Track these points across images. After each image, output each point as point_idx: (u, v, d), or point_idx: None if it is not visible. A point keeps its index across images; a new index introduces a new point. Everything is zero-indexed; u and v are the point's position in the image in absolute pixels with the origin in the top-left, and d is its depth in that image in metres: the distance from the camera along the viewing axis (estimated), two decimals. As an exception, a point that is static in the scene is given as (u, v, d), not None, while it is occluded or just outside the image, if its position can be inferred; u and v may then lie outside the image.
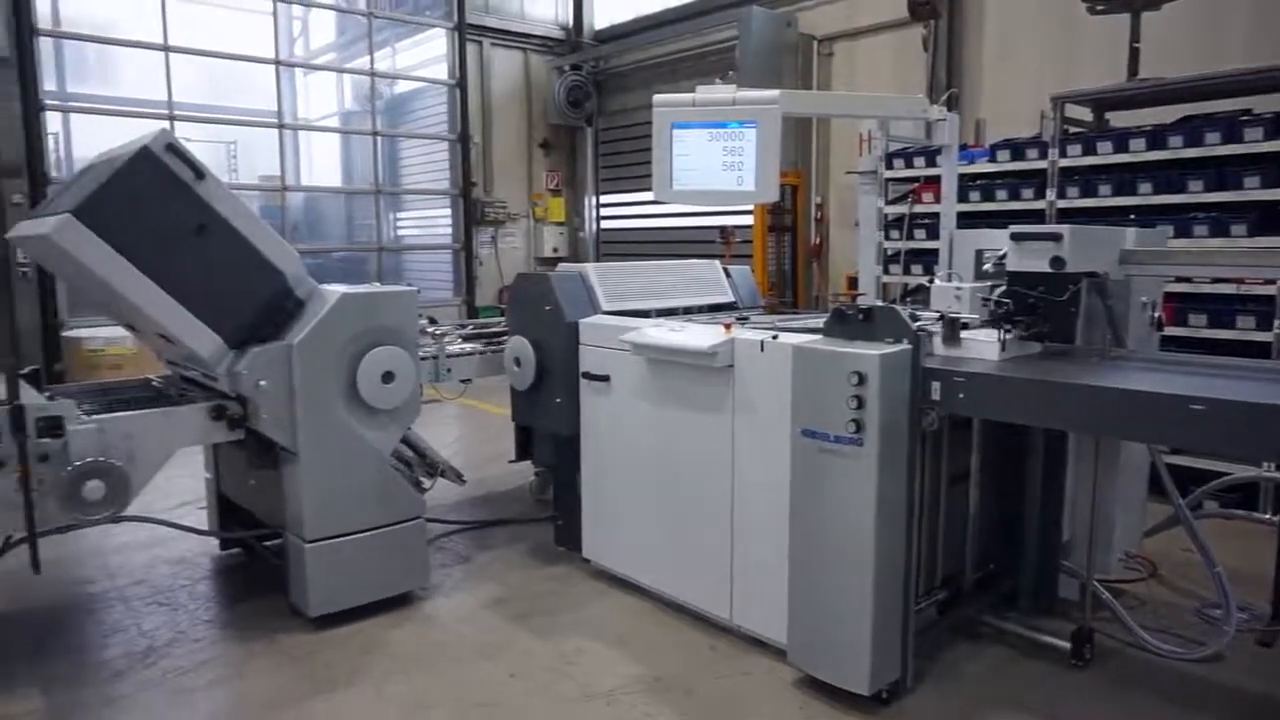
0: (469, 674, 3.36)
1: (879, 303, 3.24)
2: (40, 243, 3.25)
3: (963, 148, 6.14)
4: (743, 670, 3.36)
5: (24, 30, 8.45)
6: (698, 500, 3.63)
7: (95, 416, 3.27)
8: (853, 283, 8.53)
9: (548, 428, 4.42)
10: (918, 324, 3.03)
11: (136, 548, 4.64)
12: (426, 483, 4.10)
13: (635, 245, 12.32)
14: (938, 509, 3.41)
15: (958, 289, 3.16)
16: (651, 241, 12.00)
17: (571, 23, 12.96)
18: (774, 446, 3.22)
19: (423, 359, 4.18)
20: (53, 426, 3.10)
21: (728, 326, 3.56)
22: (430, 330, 4.49)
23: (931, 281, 3.30)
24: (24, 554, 3.18)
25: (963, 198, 6.27)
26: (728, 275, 4.92)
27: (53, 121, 8.86)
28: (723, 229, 10.10)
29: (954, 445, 3.43)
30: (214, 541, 4.55)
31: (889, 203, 7.27)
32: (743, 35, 9.77)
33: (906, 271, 7.15)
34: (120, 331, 6.76)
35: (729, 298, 4.80)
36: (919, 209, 7.08)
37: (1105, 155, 5.81)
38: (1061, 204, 6.01)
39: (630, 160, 12.21)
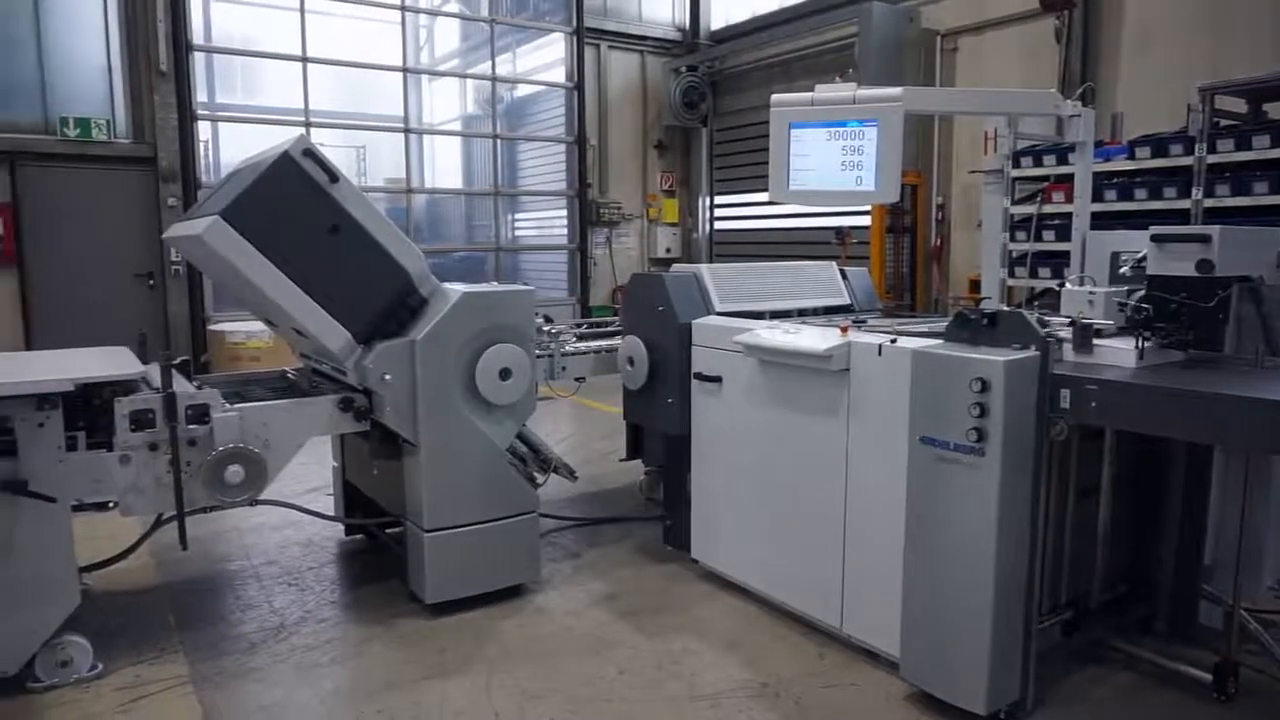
0: (577, 667, 3.41)
1: (1004, 307, 3.10)
2: (191, 242, 3.49)
3: (1098, 144, 5.82)
4: (852, 681, 3.29)
5: (181, 47, 9.11)
6: (809, 505, 3.57)
7: (237, 406, 3.48)
8: (975, 286, 8.23)
9: (659, 427, 4.45)
10: (1046, 329, 2.89)
11: (270, 529, 4.92)
12: (540, 478, 4.18)
13: (749, 246, 12.25)
14: (1064, 523, 3.25)
15: (1091, 293, 3.00)
16: (765, 243, 11.90)
17: (688, 24, 12.99)
18: (890, 453, 3.14)
19: (538, 357, 4.27)
20: (200, 414, 3.32)
21: (844, 329, 3.49)
22: (546, 329, 4.59)
23: (1061, 285, 3.15)
24: (173, 531, 3.41)
25: (1097, 197, 5.95)
26: (844, 277, 4.83)
27: (203, 130, 9.51)
28: (839, 230, 9.92)
29: (1084, 457, 3.26)
30: (339, 526, 4.78)
31: (1015, 203, 6.98)
32: (862, 32, 9.57)
33: (1033, 275, 6.84)
34: (259, 326, 7.19)
35: (845, 300, 4.71)
36: (1048, 209, 6.77)
37: (1262, 150, 5.40)
38: (1209, 203, 5.63)
39: (745, 161, 12.14)
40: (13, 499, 3.00)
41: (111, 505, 3.36)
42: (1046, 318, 3.08)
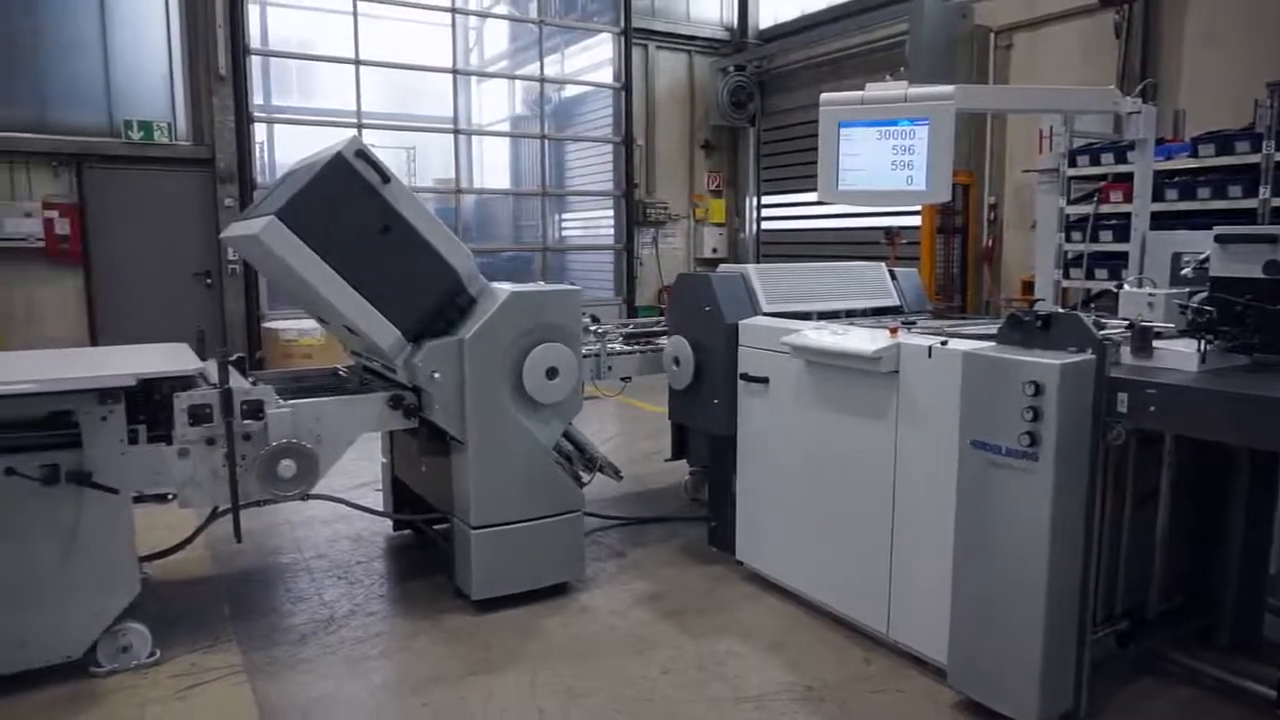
0: (621, 666, 3.41)
1: (1059, 309, 3.03)
2: (248, 242, 3.57)
3: (1159, 142, 5.66)
4: (898, 687, 3.24)
5: (239, 51, 9.34)
6: (856, 508, 3.53)
7: (290, 401, 3.55)
8: (1028, 287, 8.07)
9: (704, 428, 4.43)
10: (1103, 332, 2.82)
11: (320, 523, 5.02)
12: (585, 477, 4.20)
13: (796, 246, 12.17)
14: (1120, 530, 3.16)
15: (1151, 295, 2.92)
16: (813, 243, 11.81)
17: (736, 23, 12.95)
18: (939, 456, 3.09)
19: (585, 356, 4.28)
20: (255, 409, 3.39)
21: (893, 330, 3.44)
22: (593, 329, 4.61)
23: (1119, 287, 3.07)
24: (229, 523, 3.49)
25: (1158, 196, 5.78)
26: (893, 278, 4.77)
27: (259, 131, 9.74)
28: (888, 230, 9.80)
29: (1141, 462, 3.17)
30: (388, 522, 4.85)
31: (1071, 202, 6.83)
32: (913, 29, 9.43)
33: (1089, 276, 6.69)
34: (312, 324, 7.35)
35: (894, 301, 4.65)
36: (1105, 209, 6.61)
37: (1332, 148, 5.20)
38: (1277, 202, 5.44)
39: (793, 161, 12.06)
40: (78, 490, 3.10)
41: (170, 497, 3.46)
42: (1103, 320, 3.01)
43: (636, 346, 4.81)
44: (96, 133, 8.97)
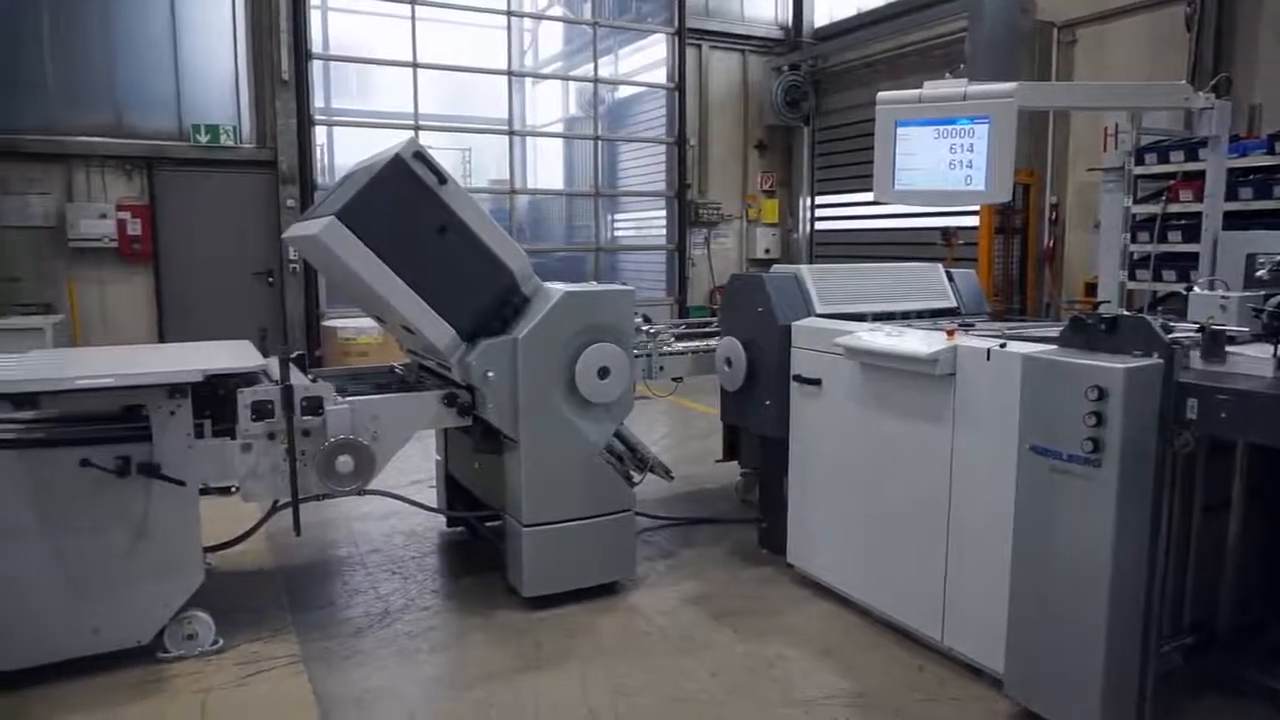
0: (670, 666, 3.41)
1: (1124, 311, 2.95)
2: (308, 242, 3.65)
3: (1233, 139, 5.47)
4: (952, 696, 3.18)
5: (301, 56, 9.57)
6: (910, 513, 3.48)
7: (348, 398, 3.63)
8: (1091, 289, 7.87)
9: (756, 429, 4.41)
10: (1171, 336, 2.73)
11: (376, 518, 5.11)
12: (636, 477, 4.21)
13: (850, 247, 12.03)
14: (1188, 541, 3.06)
15: (1224, 297, 2.82)
16: (868, 243, 11.66)
17: (791, 22, 12.85)
18: (997, 461, 3.02)
19: (637, 356, 4.29)
20: (315, 406, 3.47)
21: (950, 333, 3.38)
22: (645, 329, 4.61)
23: (1188, 289, 2.97)
24: (288, 517, 3.58)
25: (1231, 195, 5.58)
26: (950, 279, 4.69)
27: (319, 134, 9.96)
28: (945, 230, 9.63)
29: (1212, 470, 3.06)
30: (441, 518, 4.92)
31: (1138, 202, 6.63)
32: (973, 25, 9.26)
33: (1156, 278, 6.49)
34: (369, 322, 7.49)
35: (951, 303, 4.57)
36: (1174, 208, 6.40)
37: None
38: (1358, 201, 5.21)
39: (848, 160, 11.93)
40: (147, 481, 3.21)
41: (233, 490, 3.55)
42: (1171, 323, 2.92)
43: (688, 347, 4.80)
44: (167, 136, 9.27)
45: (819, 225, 12.91)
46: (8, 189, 8.59)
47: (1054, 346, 2.93)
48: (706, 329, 5.11)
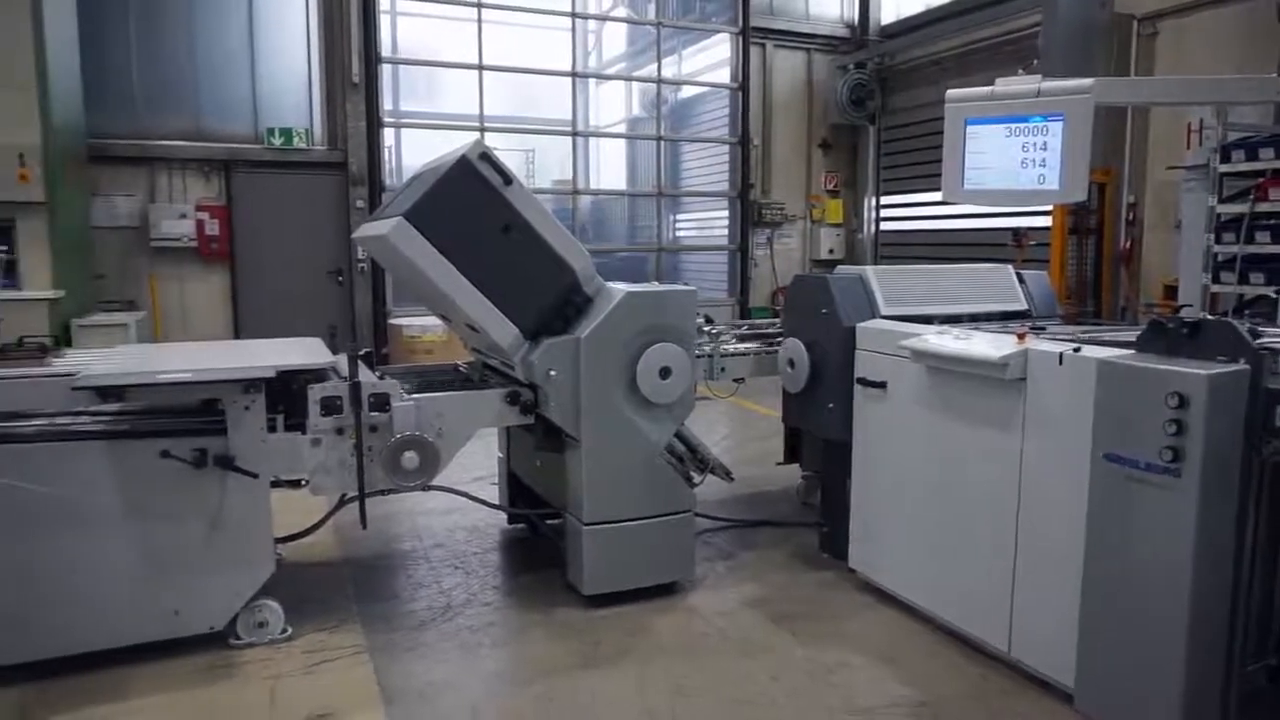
0: (729, 669, 3.40)
1: (1207, 315, 2.83)
2: (377, 242, 3.74)
3: (1326, 135, 5.21)
4: (1018, 709, 3.10)
5: (371, 59, 9.79)
6: (977, 520, 3.40)
7: (414, 396, 3.69)
8: (1170, 292, 7.59)
9: (818, 432, 4.36)
10: (1259, 341, 2.62)
11: (439, 514, 5.20)
12: (697, 478, 4.20)
13: (916, 248, 11.82)
14: (1275, 555, 2.93)
15: (1316, 301, 2.69)
16: (934, 244, 11.44)
17: (857, 19, 12.68)
18: (1069, 469, 2.93)
19: (698, 357, 4.28)
20: (382, 402, 3.55)
21: (1021, 336, 3.29)
22: (707, 329, 4.60)
23: (1278, 292, 2.84)
24: (355, 510, 3.66)
25: (1323, 194, 5.33)
26: (1021, 281, 4.56)
27: (388, 135, 10.18)
28: (1015, 231, 9.38)
29: (1301, 484, 2.92)
30: (503, 514, 4.97)
31: (1223, 201, 6.36)
32: (1047, 20, 8.99)
33: (1242, 280, 6.21)
34: (434, 321, 7.62)
35: (1021, 305, 4.44)
36: (1263, 207, 6.13)
37: None
38: None
39: (914, 160, 11.73)
40: (223, 473, 3.32)
41: (303, 483, 3.65)
42: (1260, 328, 2.79)
43: (750, 348, 4.77)
44: (243, 140, 9.59)
45: (884, 226, 12.71)
46: (97, 191, 8.98)
47: (1131, 351, 2.83)
48: (769, 330, 5.07)
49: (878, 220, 12.76)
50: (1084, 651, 2.88)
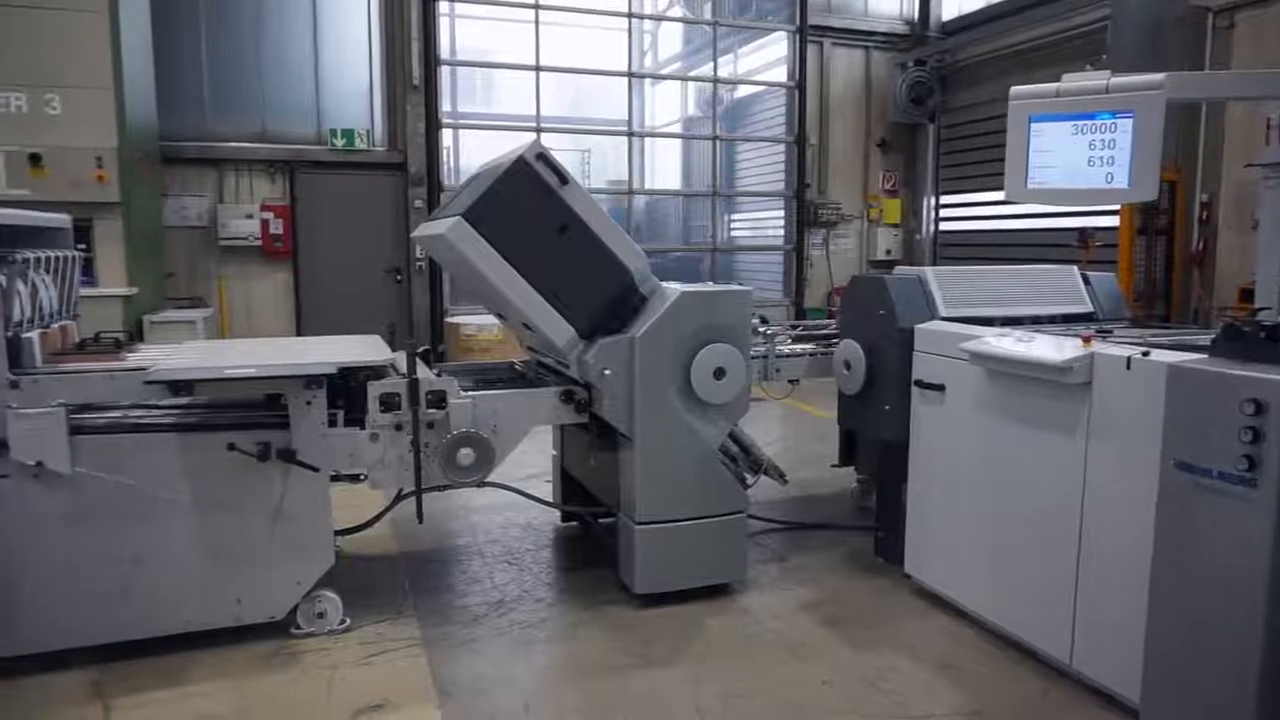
0: (781, 671, 3.37)
1: (1287, 319, 2.73)
2: (435, 241, 3.79)
3: None
4: (1082, 722, 3.02)
5: (430, 62, 9.95)
6: (1038, 527, 3.32)
7: (470, 393, 3.74)
8: (1247, 295, 7.30)
9: (874, 434, 4.30)
10: (1343, 346, 2.51)
11: (493, 510, 5.26)
12: (750, 479, 4.18)
13: (977, 249, 11.59)
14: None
15: (1404, 305, 2.57)
16: (996, 245, 11.20)
17: (917, 16, 12.47)
18: (1135, 477, 2.84)
19: (753, 358, 4.25)
20: (439, 399, 3.60)
21: (1086, 339, 3.21)
22: (762, 330, 4.57)
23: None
24: (412, 505, 3.72)
25: None
26: (1086, 282, 4.44)
27: (446, 136, 10.33)
28: (1081, 231, 9.13)
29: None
30: (556, 512, 5.01)
31: (1303, 200, 6.09)
32: (1115, 14, 8.74)
33: (1323, 283, 5.94)
34: (490, 319, 7.72)
35: (1086, 308, 4.33)
36: (1346, 207, 5.85)
37: None
38: None
39: (975, 158, 11.50)
40: (285, 467, 3.41)
41: (361, 478, 3.72)
42: (1343, 333, 2.67)
43: (805, 349, 4.73)
44: (306, 141, 9.83)
45: (944, 226, 12.49)
46: (168, 192, 9.29)
47: (1204, 356, 2.74)
48: (824, 331, 5.02)
49: (937, 220, 12.53)
50: (1151, 665, 2.79)
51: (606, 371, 3.74)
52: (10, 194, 6.68)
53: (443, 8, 10.15)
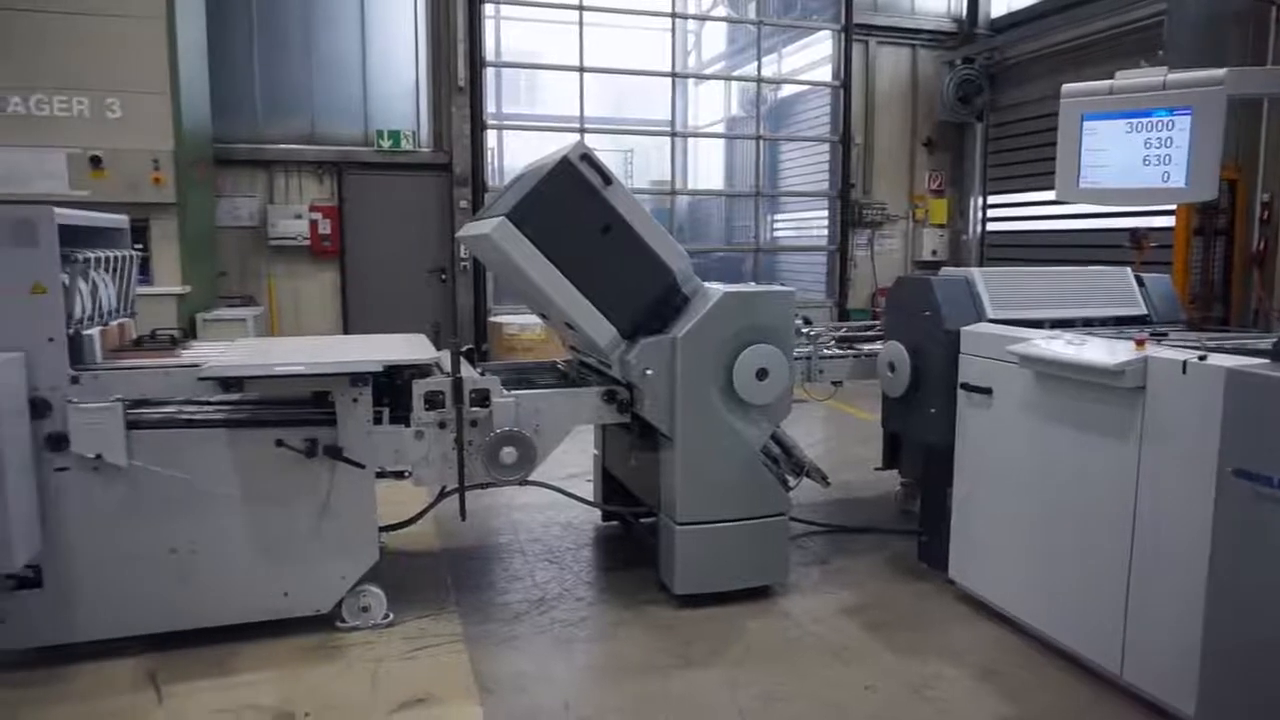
0: (822, 675, 3.34)
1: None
2: (480, 241, 3.83)
3: None
4: (1133, 734, 2.95)
5: (476, 64, 10.05)
6: (1087, 534, 3.24)
7: (513, 392, 3.77)
8: (1309, 297, 7.07)
9: (919, 438, 4.25)
10: None
11: (535, 509, 5.29)
12: (792, 481, 4.15)
13: (1025, 249, 11.36)
14: None
15: None
16: (1045, 245, 10.97)
17: (965, 13, 12.27)
18: (1191, 484, 2.77)
19: (796, 359, 4.23)
20: (482, 398, 3.63)
21: (1140, 342, 3.13)
22: (805, 330, 4.53)
23: None
24: (455, 503, 3.76)
25: None
26: (1140, 284, 4.33)
27: (490, 137, 10.42)
28: (1134, 231, 8.90)
29: None
30: (597, 511, 5.03)
31: (1371, 200, 5.89)
32: (1173, 9, 8.49)
33: (1392, 285, 5.74)
34: (533, 319, 7.75)
35: (1140, 310, 4.22)
36: None
37: None
38: None
39: (1024, 158, 11.28)
40: (332, 463, 3.46)
41: (406, 475, 3.77)
42: None
43: (849, 350, 4.68)
44: (353, 142, 9.99)
45: (991, 226, 12.27)
46: (221, 193, 9.50)
47: (1265, 360, 2.65)
48: (868, 332, 4.97)
49: (984, 220, 12.32)
50: (1207, 679, 2.71)
51: (648, 371, 3.74)
52: (72, 195, 6.88)
53: (488, 10, 10.24)
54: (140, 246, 7.52)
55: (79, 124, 7.17)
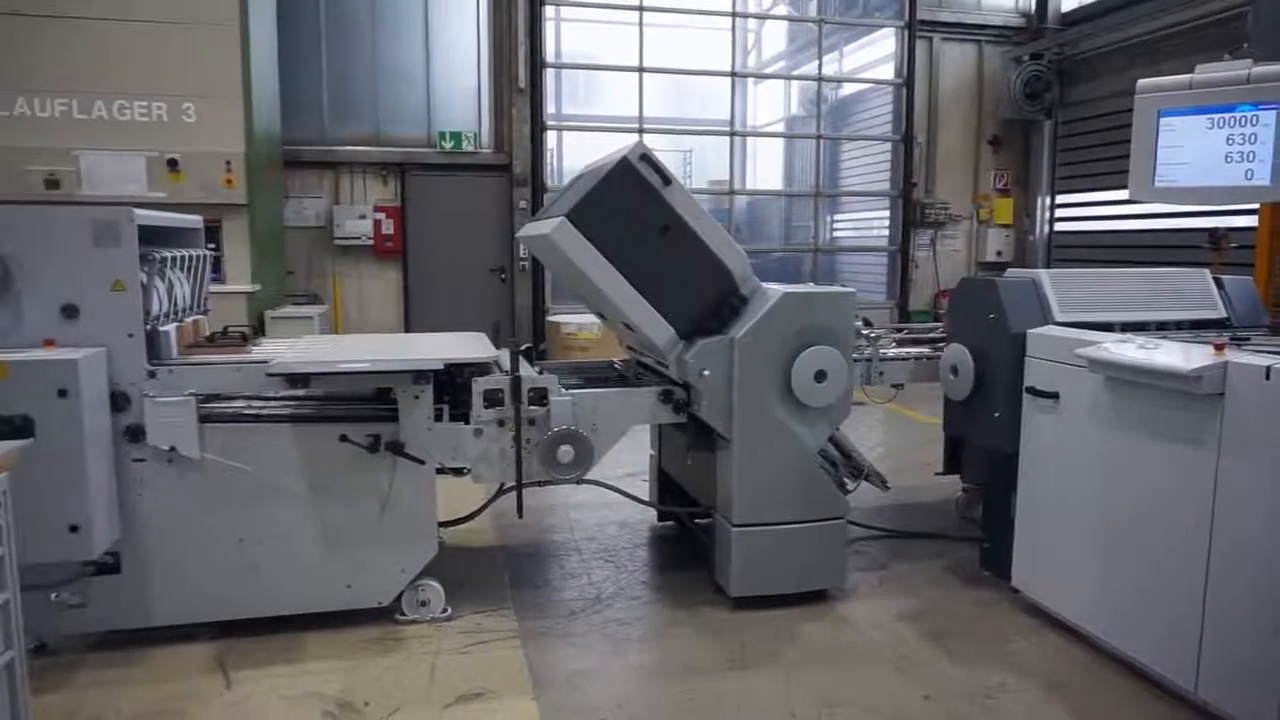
0: (879, 682, 3.29)
1: None
2: (539, 241, 3.86)
3: None
4: (1208, 754, 2.84)
5: (536, 65, 10.15)
6: (1161, 544, 3.13)
7: (570, 391, 3.79)
8: (1403, 301, 6.72)
9: (982, 442, 4.15)
10: None
11: (591, 508, 5.31)
12: (850, 484, 4.09)
13: (1095, 250, 11.04)
14: None
15: None
16: (1116, 246, 10.64)
17: (1034, 7, 11.96)
18: (1275, 496, 2.66)
19: (855, 361, 4.17)
20: (540, 397, 3.66)
21: (1219, 347, 3.01)
22: (865, 332, 4.47)
23: None
24: (513, 500, 3.80)
25: None
26: (1219, 286, 4.17)
27: (550, 138, 10.51)
28: (1212, 231, 8.55)
29: None
30: (653, 511, 5.03)
31: None
32: None
33: None
34: (590, 319, 7.80)
35: (1219, 313, 4.06)
36: None
37: None
38: None
39: (1095, 156, 10.95)
40: (394, 458, 3.53)
41: (465, 471, 3.82)
42: None
43: (910, 352, 4.60)
44: (416, 144, 10.18)
45: (1059, 227, 11.93)
46: (289, 194, 9.77)
47: (1354, 367, 2.53)
48: (930, 334, 4.87)
49: (1052, 221, 11.99)
50: (1286, 698, 2.60)
51: (705, 372, 3.73)
52: (150, 196, 7.15)
53: (548, 12, 10.33)
54: (213, 246, 7.79)
55: (157, 128, 7.44)
